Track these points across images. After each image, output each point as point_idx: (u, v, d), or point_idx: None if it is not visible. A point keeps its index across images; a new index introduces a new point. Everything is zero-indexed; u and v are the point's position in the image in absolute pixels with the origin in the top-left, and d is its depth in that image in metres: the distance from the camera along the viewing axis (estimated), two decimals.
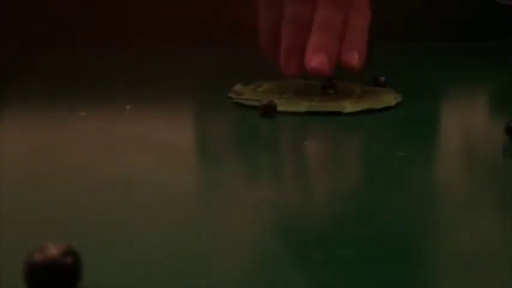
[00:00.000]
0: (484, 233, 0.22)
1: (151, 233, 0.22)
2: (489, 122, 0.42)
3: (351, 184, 0.29)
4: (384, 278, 0.19)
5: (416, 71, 0.58)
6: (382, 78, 0.47)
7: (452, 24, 0.82)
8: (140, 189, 0.27)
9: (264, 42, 0.44)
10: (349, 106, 0.41)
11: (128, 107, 0.42)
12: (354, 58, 0.39)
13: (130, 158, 0.31)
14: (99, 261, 0.19)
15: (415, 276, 0.19)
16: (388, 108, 0.42)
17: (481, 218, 0.24)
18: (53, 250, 0.17)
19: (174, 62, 0.63)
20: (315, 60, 0.38)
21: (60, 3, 0.75)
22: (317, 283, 0.18)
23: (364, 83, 0.47)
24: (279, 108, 0.40)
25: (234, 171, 0.30)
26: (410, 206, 0.25)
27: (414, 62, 0.63)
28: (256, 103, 0.41)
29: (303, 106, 0.41)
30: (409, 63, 0.62)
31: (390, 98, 0.43)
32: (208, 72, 0.58)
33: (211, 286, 0.18)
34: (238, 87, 0.46)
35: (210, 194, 0.27)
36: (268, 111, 0.39)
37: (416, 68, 0.60)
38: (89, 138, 0.35)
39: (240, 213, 0.24)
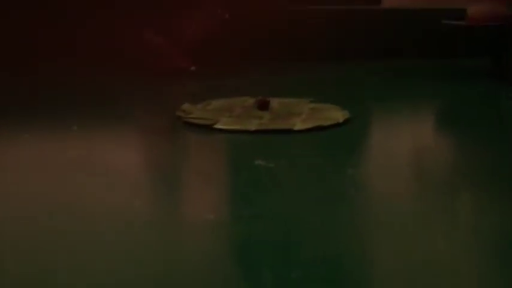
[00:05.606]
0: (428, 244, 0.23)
1: (97, 261, 0.22)
2: (435, 136, 0.43)
3: (297, 202, 0.29)
4: None
5: (360, 88, 0.59)
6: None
7: (397, 44, 0.85)
8: (86, 214, 0.26)
9: None
10: (298, 124, 0.41)
11: (75, 127, 0.41)
12: None
13: (76, 183, 0.30)
14: None
15: None
16: (336, 125, 0.42)
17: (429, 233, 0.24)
18: None
19: (126, 85, 0.62)
20: None
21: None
22: None
23: (311, 100, 0.47)
24: (229, 127, 0.40)
25: (188, 192, 0.30)
26: (355, 223, 0.26)
27: (358, 81, 0.64)
28: (208, 122, 0.41)
29: (253, 124, 0.41)
30: (353, 81, 0.63)
31: (338, 115, 0.44)
32: (158, 92, 0.57)
33: None
34: (186, 106, 0.46)
35: (158, 219, 0.26)
36: (264, 106, 0.45)
37: (360, 86, 0.61)
38: (32, 161, 0.34)
39: (189, 235, 0.24)
